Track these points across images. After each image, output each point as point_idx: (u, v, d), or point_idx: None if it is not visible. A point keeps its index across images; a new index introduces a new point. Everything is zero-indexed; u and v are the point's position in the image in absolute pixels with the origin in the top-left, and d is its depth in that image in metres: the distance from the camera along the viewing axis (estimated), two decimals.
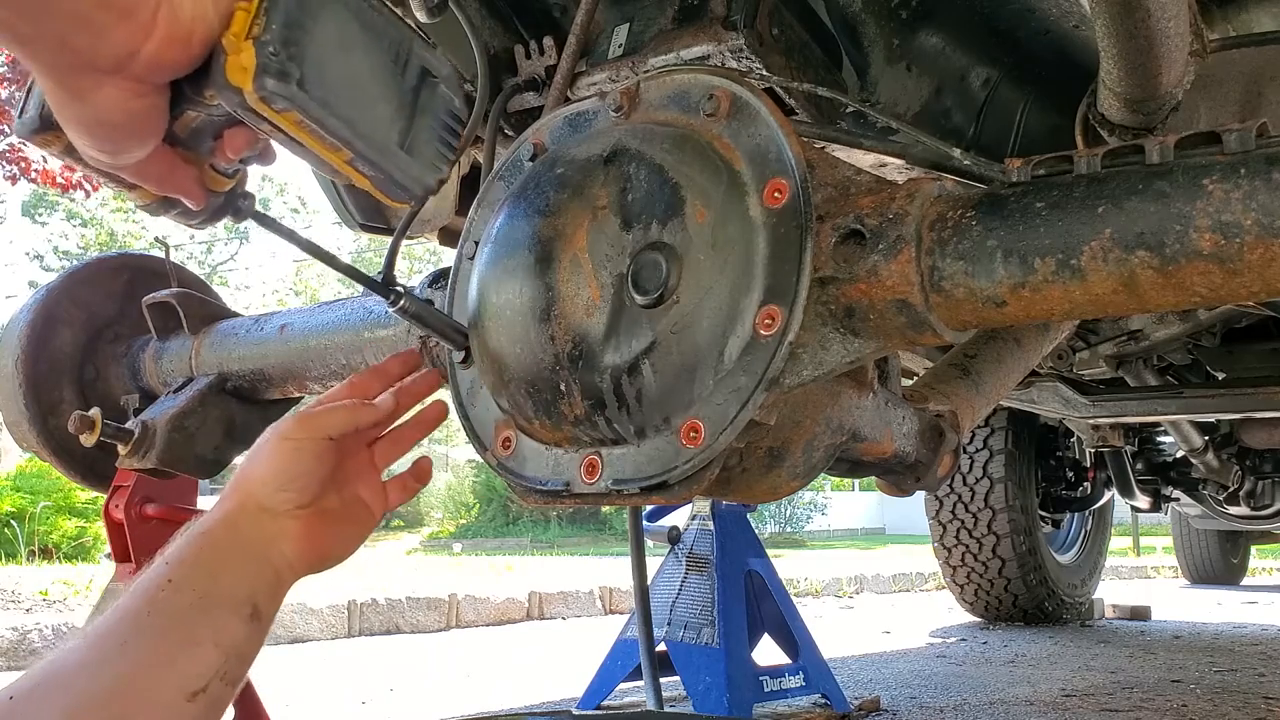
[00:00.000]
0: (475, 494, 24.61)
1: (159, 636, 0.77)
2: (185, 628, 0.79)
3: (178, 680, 0.76)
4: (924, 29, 1.45)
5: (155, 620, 0.78)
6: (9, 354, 1.64)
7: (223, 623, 0.81)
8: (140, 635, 0.77)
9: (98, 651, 0.75)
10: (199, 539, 0.85)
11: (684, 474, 0.82)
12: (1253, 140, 0.72)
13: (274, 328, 1.53)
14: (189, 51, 0.70)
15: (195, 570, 0.82)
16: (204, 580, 0.82)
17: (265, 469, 0.89)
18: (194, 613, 0.80)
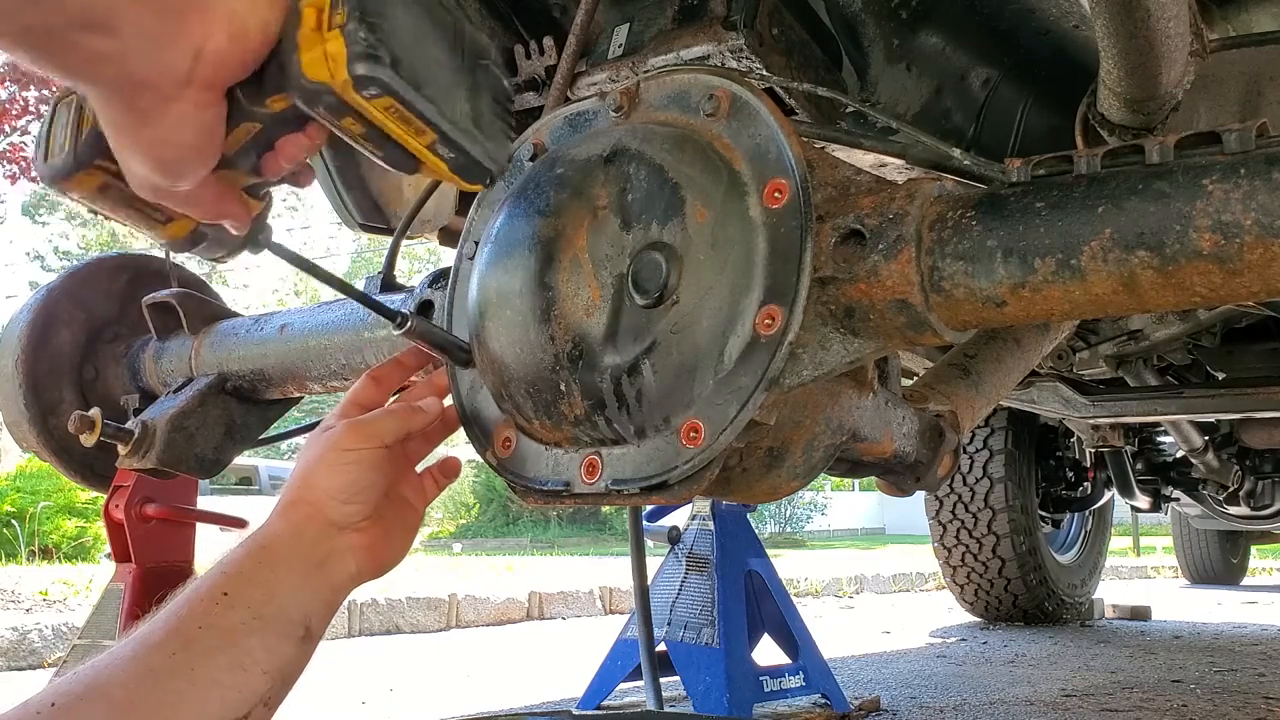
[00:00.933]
0: (475, 494, 24.61)
1: (208, 656, 0.75)
2: (236, 649, 0.77)
3: (220, 706, 0.75)
4: (924, 29, 1.45)
5: (206, 638, 0.76)
6: (9, 354, 1.64)
7: (274, 645, 0.79)
8: (189, 652, 0.75)
9: (144, 664, 0.73)
10: (259, 552, 0.83)
11: (684, 474, 0.82)
12: (1253, 140, 0.72)
13: (274, 328, 1.53)
14: (250, 50, 0.68)
15: (252, 587, 0.80)
16: (261, 598, 0.80)
17: (332, 483, 0.86)
18: (246, 633, 0.78)
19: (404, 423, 0.91)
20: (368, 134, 0.75)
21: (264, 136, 0.76)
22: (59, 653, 3.36)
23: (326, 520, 0.86)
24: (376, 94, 0.71)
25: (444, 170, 0.80)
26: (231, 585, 0.79)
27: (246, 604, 0.79)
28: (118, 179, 0.77)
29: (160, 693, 0.72)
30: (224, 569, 0.81)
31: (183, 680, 0.73)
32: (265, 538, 0.84)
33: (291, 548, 0.84)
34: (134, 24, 0.63)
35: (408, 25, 0.73)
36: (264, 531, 0.85)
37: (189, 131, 0.69)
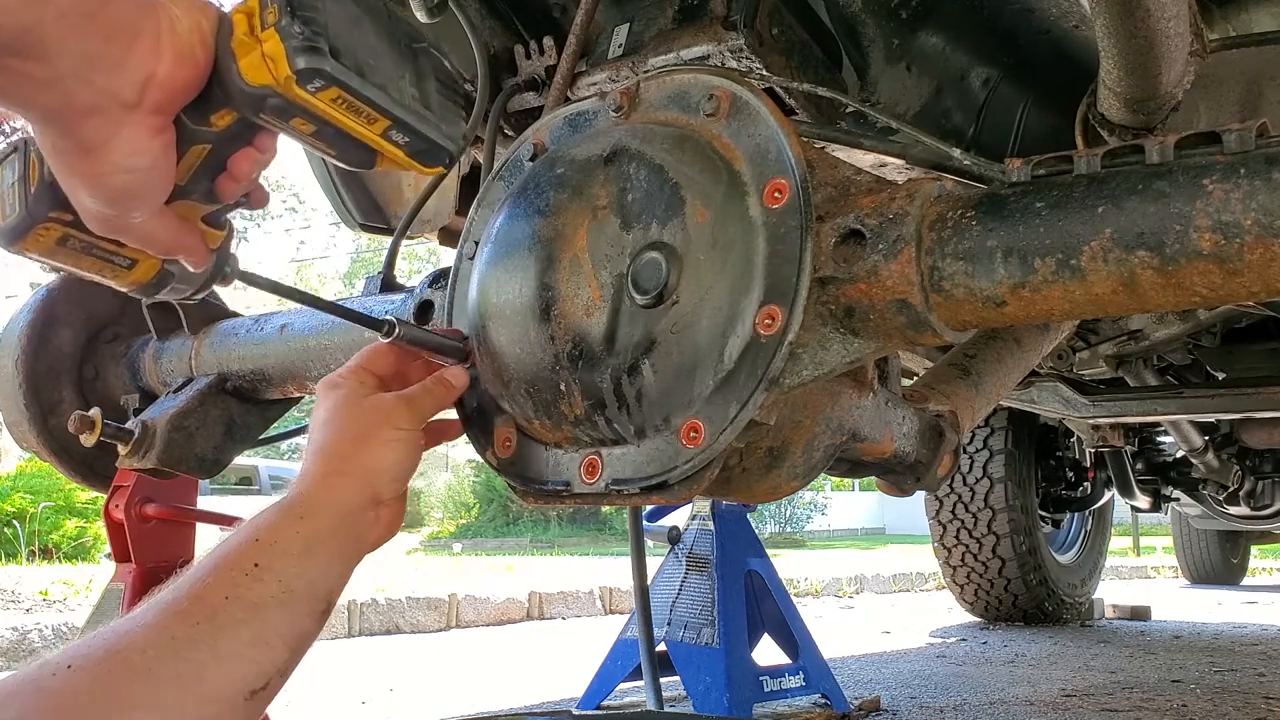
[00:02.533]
0: (475, 494, 24.61)
1: (232, 629, 0.74)
2: (260, 624, 0.75)
3: (242, 678, 0.73)
4: (924, 29, 1.45)
5: (232, 610, 0.74)
6: (9, 354, 1.64)
7: (298, 619, 0.78)
8: (213, 624, 0.73)
9: (166, 631, 0.72)
10: (298, 524, 0.80)
11: (684, 474, 0.82)
12: (1253, 140, 0.72)
13: (274, 328, 1.53)
14: (197, 68, 0.68)
15: (285, 560, 0.78)
16: (293, 573, 0.78)
17: (385, 461, 0.84)
18: (273, 607, 0.76)
19: (444, 399, 0.91)
20: (318, 131, 0.73)
21: (213, 158, 0.75)
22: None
23: (372, 496, 0.84)
24: (322, 86, 0.70)
25: (401, 157, 0.79)
26: (264, 556, 0.77)
27: (277, 577, 0.77)
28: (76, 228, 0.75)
29: (181, 661, 0.71)
30: (257, 534, 0.79)
31: (205, 651, 0.72)
32: (305, 507, 0.81)
33: (334, 524, 0.81)
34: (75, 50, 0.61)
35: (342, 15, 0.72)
36: (303, 501, 0.82)
37: (140, 158, 0.67)
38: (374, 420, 0.85)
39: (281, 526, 0.80)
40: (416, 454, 0.87)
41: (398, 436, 0.85)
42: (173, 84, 0.66)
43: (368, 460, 0.84)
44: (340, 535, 0.82)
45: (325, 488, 0.83)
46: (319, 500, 0.82)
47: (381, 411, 0.86)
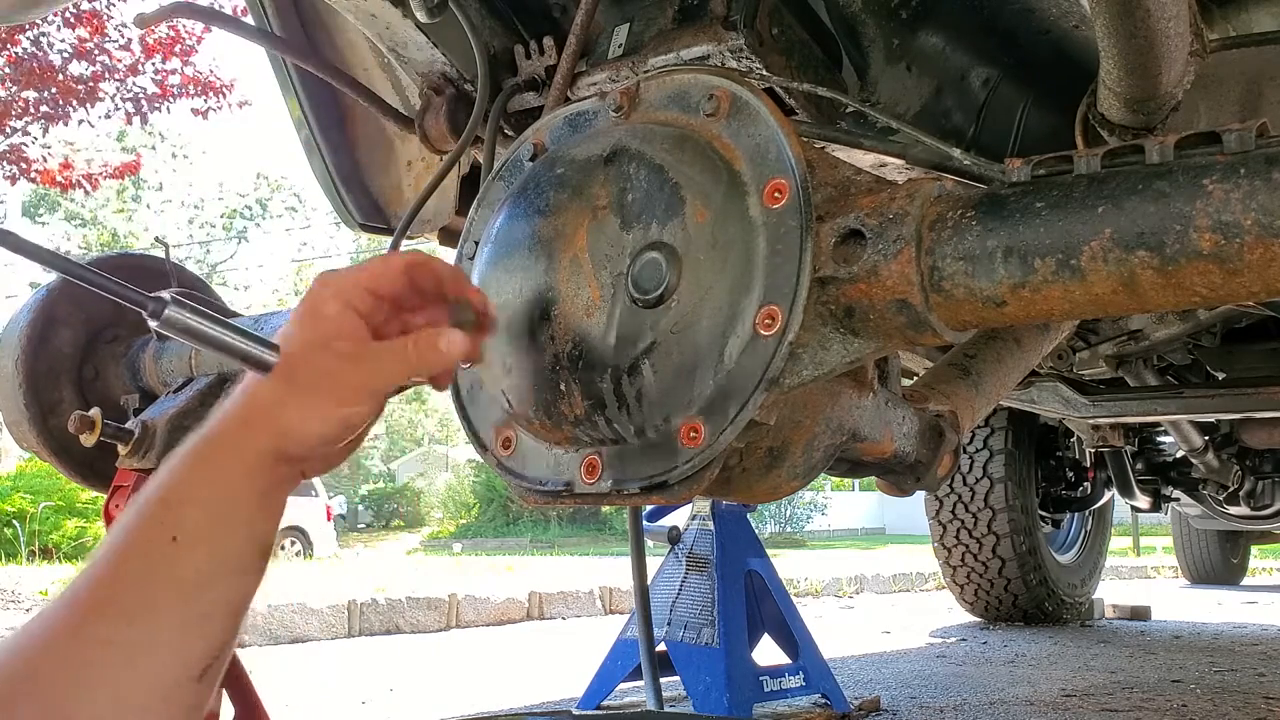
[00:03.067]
0: (475, 494, 24.62)
1: (169, 611, 0.68)
2: (197, 599, 0.69)
3: (185, 660, 0.68)
4: (924, 29, 1.45)
5: (163, 592, 0.68)
6: (9, 354, 1.64)
7: (236, 585, 0.71)
8: (148, 610, 0.67)
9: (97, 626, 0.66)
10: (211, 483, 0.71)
11: (684, 474, 0.82)
12: (1253, 140, 0.72)
13: (274, 328, 1.53)
14: None
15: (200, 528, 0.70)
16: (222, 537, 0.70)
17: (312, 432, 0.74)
18: (207, 581, 0.69)
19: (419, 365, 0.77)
20: None
21: None
22: None
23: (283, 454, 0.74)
24: None
25: None
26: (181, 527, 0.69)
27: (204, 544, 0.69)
28: None
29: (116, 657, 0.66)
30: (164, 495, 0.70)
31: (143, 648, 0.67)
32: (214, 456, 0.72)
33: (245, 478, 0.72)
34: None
35: None
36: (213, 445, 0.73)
37: None
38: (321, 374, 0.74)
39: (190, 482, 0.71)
40: (351, 429, 0.76)
41: (332, 414, 0.74)
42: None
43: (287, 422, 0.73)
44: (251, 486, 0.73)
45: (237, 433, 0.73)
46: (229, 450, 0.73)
47: (333, 368, 0.74)
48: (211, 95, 10.94)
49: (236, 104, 11.25)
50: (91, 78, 10.24)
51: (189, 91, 10.84)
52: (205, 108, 11.01)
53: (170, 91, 10.74)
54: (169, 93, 10.74)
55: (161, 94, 10.72)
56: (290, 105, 1.80)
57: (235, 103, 11.22)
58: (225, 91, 11.05)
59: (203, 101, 10.96)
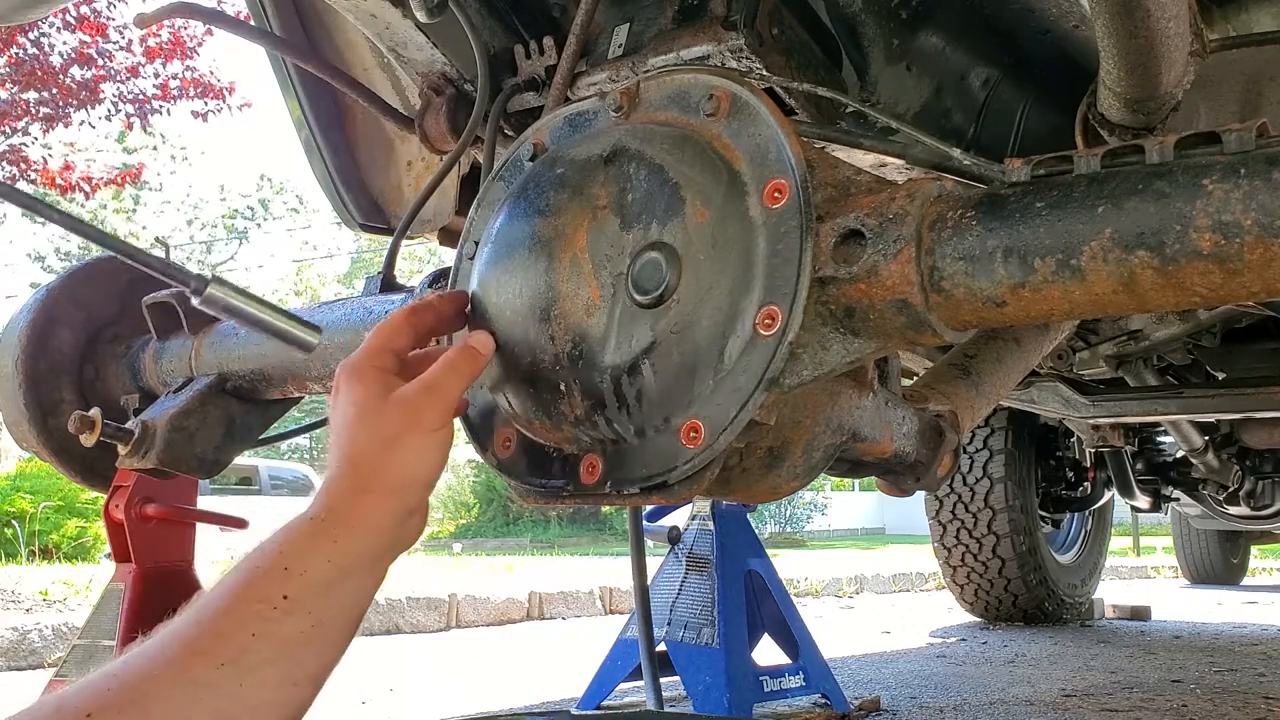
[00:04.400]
0: (475, 494, 24.61)
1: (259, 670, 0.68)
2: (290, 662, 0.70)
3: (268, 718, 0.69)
4: (924, 29, 1.45)
5: (259, 649, 0.68)
6: (9, 354, 1.64)
7: (326, 653, 0.73)
8: (238, 666, 0.67)
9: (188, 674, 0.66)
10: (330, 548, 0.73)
11: (684, 474, 0.82)
12: (1253, 140, 0.72)
13: None
14: None
15: (316, 593, 0.71)
16: (323, 604, 0.72)
17: (422, 470, 0.78)
18: (302, 644, 0.70)
19: (470, 373, 0.83)
20: None
21: None
22: (59, 653, 3.36)
23: (406, 509, 0.78)
24: None
25: None
26: (293, 587, 0.71)
27: (307, 609, 0.71)
28: None
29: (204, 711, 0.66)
30: (286, 561, 0.72)
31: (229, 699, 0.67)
32: (337, 529, 0.74)
33: (369, 548, 0.76)
34: None
35: None
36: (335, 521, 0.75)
37: None
38: (403, 423, 0.78)
39: (312, 552, 0.73)
40: (447, 450, 0.81)
41: (428, 442, 0.79)
42: None
43: (400, 472, 0.77)
44: (374, 557, 0.77)
45: (358, 507, 0.76)
46: (351, 522, 0.75)
47: (409, 411, 0.78)
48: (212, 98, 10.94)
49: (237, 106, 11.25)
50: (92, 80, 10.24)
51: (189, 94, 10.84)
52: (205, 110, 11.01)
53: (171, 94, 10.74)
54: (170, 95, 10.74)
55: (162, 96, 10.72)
56: (290, 105, 1.80)
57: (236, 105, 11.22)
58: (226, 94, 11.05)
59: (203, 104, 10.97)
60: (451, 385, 0.81)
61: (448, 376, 0.82)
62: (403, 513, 0.78)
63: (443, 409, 0.80)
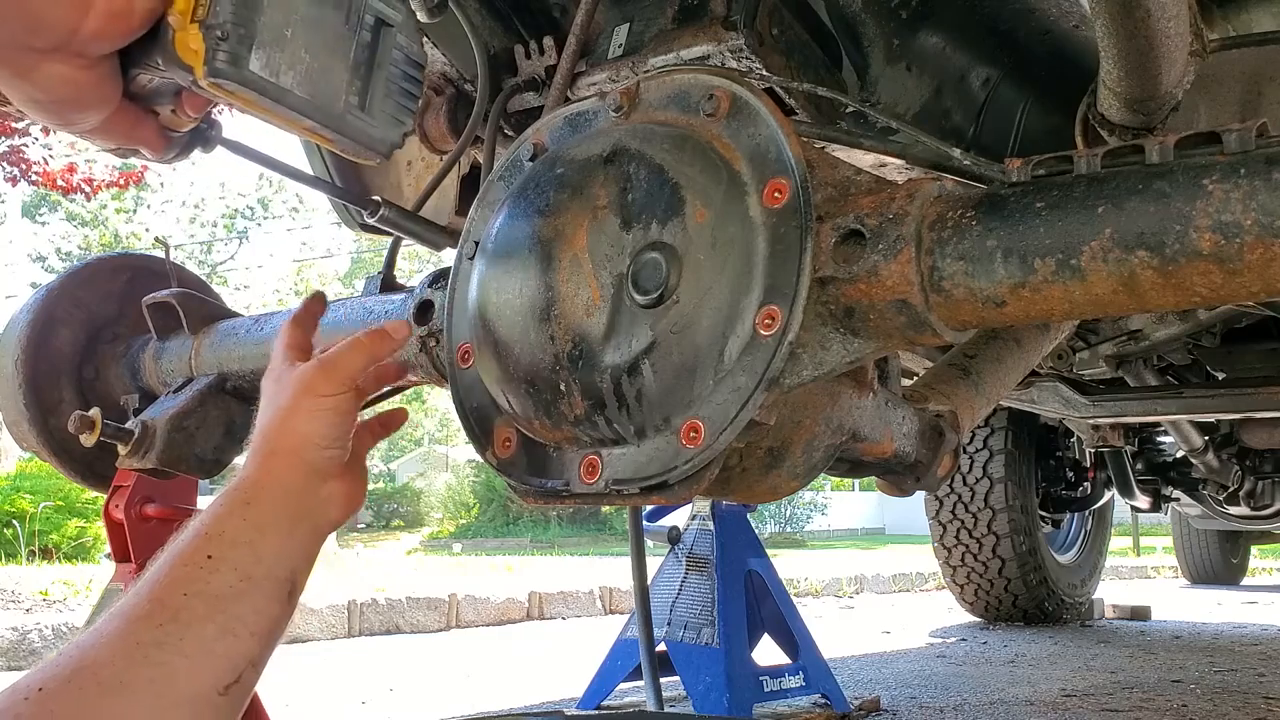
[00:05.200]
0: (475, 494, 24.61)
1: (197, 625, 0.73)
2: (224, 615, 0.74)
3: (212, 673, 0.73)
4: (924, 29, 1.45)
5: (193, 605, 0.74)
6: (9, 354, 1.64)
7: (262, 607, 0.77)
8: (176, 623, 0.72)
9: (131, 638, 0.71)
10: (242, 509, 0.80)
11: (684, 474, 0.82)
12: (1253, 140, 0.72)
13: (274, 328, 1.53)
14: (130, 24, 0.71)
15: (237, 548, 0.77)
16: (247, 558, 0.77)
17: (312, 429, 0.84)
18: (233, 597, 0.75)
19: (370, 353, 0.89)
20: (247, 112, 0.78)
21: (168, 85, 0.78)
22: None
23: (310, 469, 0.84)
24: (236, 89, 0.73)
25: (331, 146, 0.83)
26: (215, 547, 0.77)
27: (232, 565, 0.76)
28: None
29: (151, 667, 0.70)
30: (205, 528, 0.78)
31: (173, 653, 0.71)
32: (247, 492, 0.81)
33: (277, 503, 0.81)
34: None
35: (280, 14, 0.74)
36: (245, 485, 0.82)
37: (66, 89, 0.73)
38: (295, 391, 0.85)
39: (227, 515, 0.79)
40: (345, 419, 0.86)
41: (325, 405, 0.85)
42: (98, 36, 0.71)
43: (295, 434, 0.84)
44: (285, 517, 0.81)
45: (264, 469, 0.83)
46: (255, 481, 0.82)
47: (300, 381, 0.85)
48: None
49: None
50: None
51: None
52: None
53: None
54: None
55: None
56: None
57: None
58: None
59: None
60: (348, 360, 0.87)
61: (346, 352, 0.88)
62: (307, 472, 0.84)
63: (335, 379, 0.86)
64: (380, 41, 0.82)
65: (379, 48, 0.82)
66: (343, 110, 0.80)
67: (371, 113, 0.82)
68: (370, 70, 0.82)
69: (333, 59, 0.79)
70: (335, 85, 0.80)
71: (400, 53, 0.84)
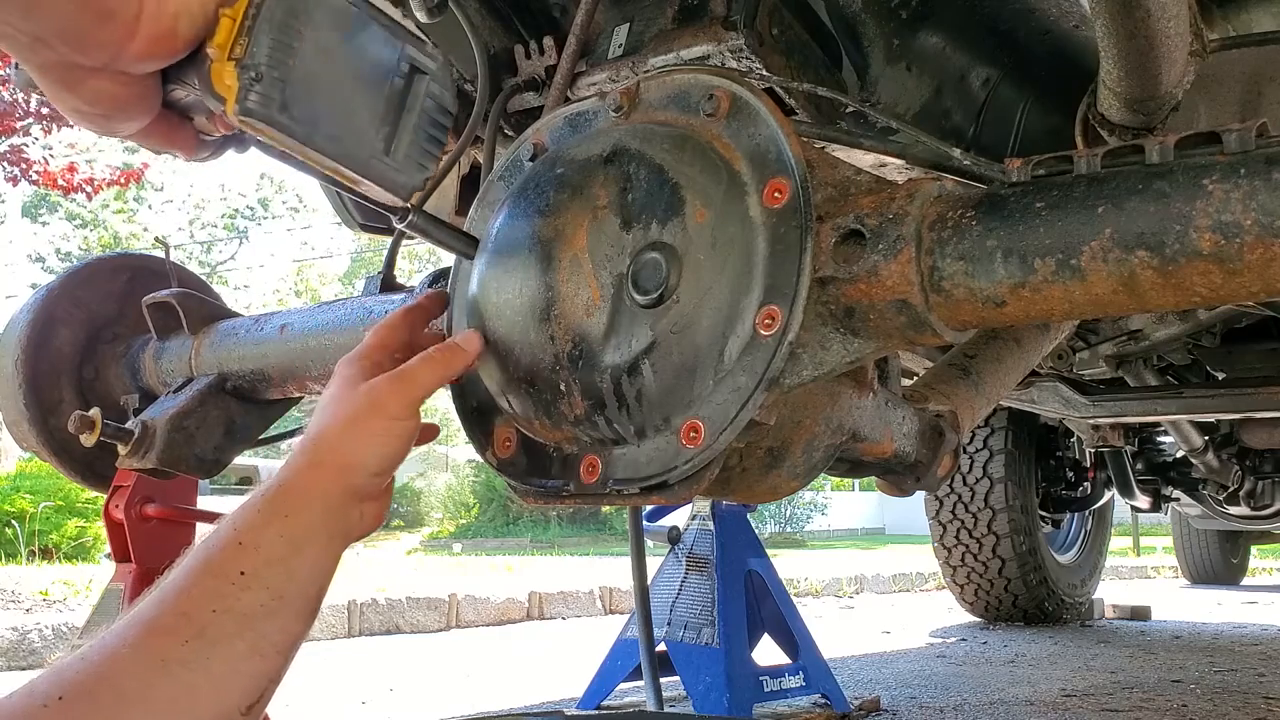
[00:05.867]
0: (475, 494, 24.61)
1: (225, 644, 0.71)
2: (252, 633, 0.73)
3: (238, 694, 0.72)
4: (924, 29, 1.45)
5: (222, 623, 0.72)
6: (9, 354, 1.64)
7: (289, 625, 0.75)
8: (203, 640, 0.71)
9: (156, 653, 0.69)
10: (281, 521, 0.77)
11: (684, 474, 0.82)
12: (1253, 140, 0.71)
13: (274, 328, 1.53)
14: (174, 46, 0.72)
15: (271, 566, 0.75)
16: (280, 576, 0.75)
17: (371, 454, 0.81)
18: (264, 616, 0.74)
19: (445, 370, 0.86)
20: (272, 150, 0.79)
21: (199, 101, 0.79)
22: (59, 653, 3.36)
23: (355, 490, 0.81)
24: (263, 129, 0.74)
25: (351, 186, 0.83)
26: (249, 561, 0.74)
27: (265, 584, 0.74)
28: None
29: (175, 685, 0.68)
30: (240, 536, 0.76)
31: (198, 672, 0.70)
32: (287, 503, 0.78)
33: (316, 519, 0.78)
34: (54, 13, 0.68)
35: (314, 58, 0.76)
36: (285, 494, 0.79)
37: (109, 104, 0.74)
38: (365, 408, 0.81)
39: (264, 526, 0.77)
40: (405, 446, 0.83)
41: (394, 430, 0.82)
42: (141, 58, 0.72)
43: (353, 452, 0.81)
44: (323, 534, 0.79)
45: (309, 480, 0.80)
46: (301, 493, 0.79)
47: (374, 397, 0.82)
48: None
49: None
50: None
51: None
52: None
53: None
54: None
55: None
56: None
57: None
58: None
59: None
60: (423, 377, 0.84)
61: (421, 369, 0.85)
62: (350, 493, 0.81)
63: (408, 399, 0.83)
64: (412, 88, 0.83)
65: (410, 94, 0.83)
66: (369, 155, 0.81)
67: (396, 157, 0.82)
68: (399, 116, 0.82)
69: (364, 104, 0.80)
70: (364, 130, 0.80)
71: (432, 100, 0.84)
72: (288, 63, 0.73)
